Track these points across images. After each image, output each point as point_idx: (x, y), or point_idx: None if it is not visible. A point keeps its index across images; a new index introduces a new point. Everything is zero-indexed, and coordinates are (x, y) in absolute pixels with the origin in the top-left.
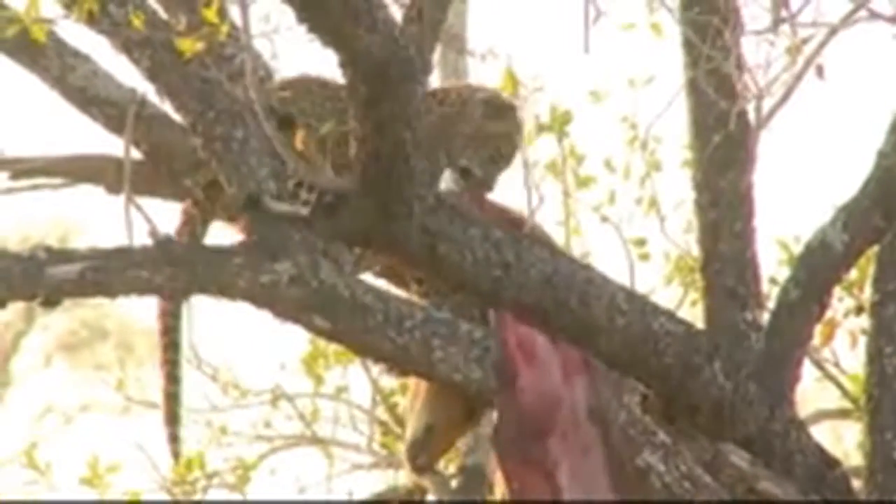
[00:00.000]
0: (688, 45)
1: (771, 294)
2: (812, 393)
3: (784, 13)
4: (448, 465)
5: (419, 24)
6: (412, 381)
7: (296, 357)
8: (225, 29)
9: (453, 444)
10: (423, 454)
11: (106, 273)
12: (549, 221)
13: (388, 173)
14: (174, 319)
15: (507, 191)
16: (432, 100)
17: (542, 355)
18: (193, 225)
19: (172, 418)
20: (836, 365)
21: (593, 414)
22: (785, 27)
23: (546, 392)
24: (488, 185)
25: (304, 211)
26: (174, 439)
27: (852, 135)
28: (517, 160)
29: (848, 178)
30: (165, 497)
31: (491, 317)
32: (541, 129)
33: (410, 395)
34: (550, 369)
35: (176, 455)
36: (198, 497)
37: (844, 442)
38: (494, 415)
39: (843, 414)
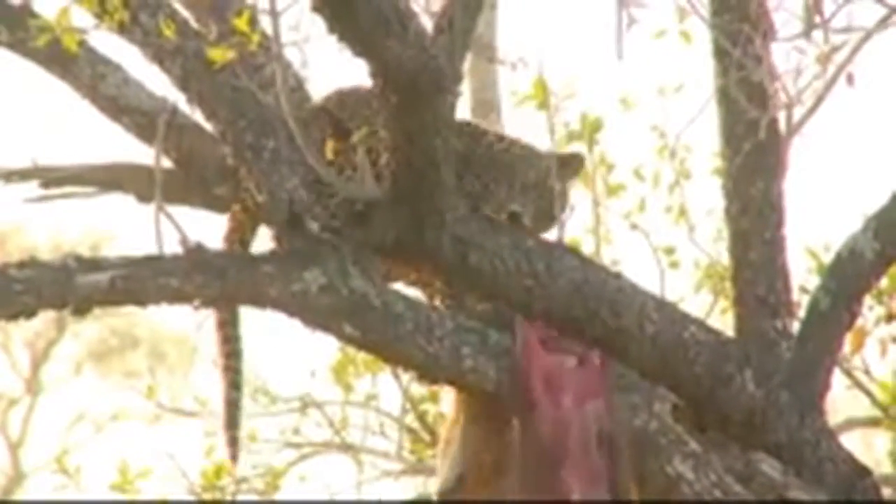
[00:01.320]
0: (718, 53)
1: (801, 302)
2: (842, 401)
3: (817, 19)
4: None
5: (450, 33)
6: (443, 427)
7: (326, 365)
8: (255, 38)
9: (484, 496)
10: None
11: (136, 281)
12: (580, 229)
13: (419, 182)
14: (234, 328)
15: None
16: (495, 139)
17: (562, 382)
18: (243, 231)
19: (232, 422)
20: (867, 373)
21: (602, 440)
22: (816, 33)
23: (559, 418)
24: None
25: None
26: (233, 442)
27: (884, 142)
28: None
29: (879, 186)
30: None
31: (517, 342)
32: (571, 136)
33: (442, 444)
34: (564, 394)
35: (234, 458)
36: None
37: (875, 450)
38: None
39: (873, 422)
